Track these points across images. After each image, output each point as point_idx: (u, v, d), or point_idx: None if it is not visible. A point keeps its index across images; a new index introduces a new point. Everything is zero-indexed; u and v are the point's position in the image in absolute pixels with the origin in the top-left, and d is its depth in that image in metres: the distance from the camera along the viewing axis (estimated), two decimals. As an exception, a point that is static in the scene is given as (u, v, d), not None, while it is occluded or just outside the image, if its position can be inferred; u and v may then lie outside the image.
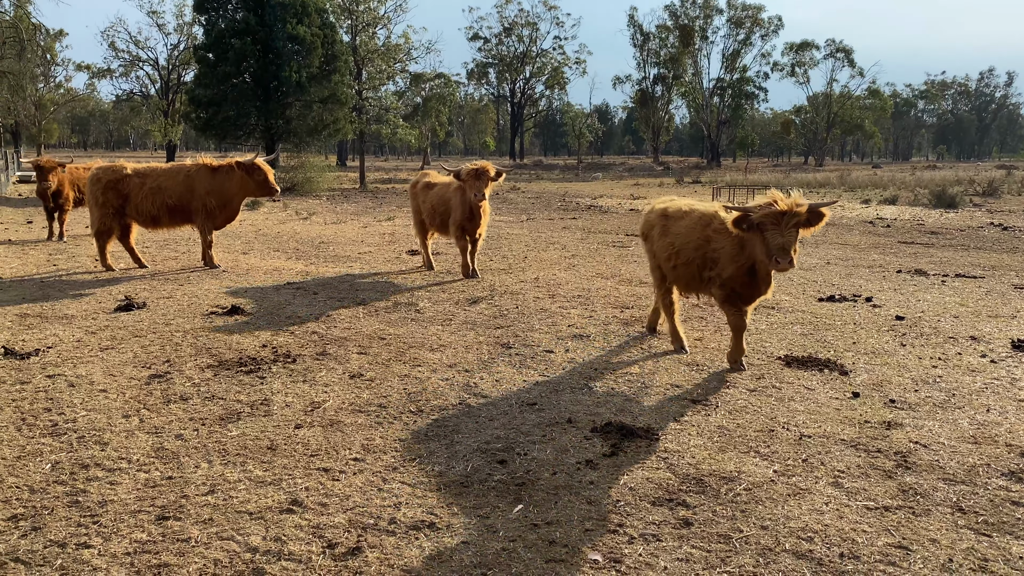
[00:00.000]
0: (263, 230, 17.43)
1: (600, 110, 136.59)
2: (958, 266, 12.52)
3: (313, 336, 7.66)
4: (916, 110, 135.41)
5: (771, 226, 5.69)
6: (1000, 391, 6.05)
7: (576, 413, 5.53)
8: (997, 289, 10.47)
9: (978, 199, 29.11)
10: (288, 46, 31.39)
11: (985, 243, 15.93)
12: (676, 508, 4.12)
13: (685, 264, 6.74)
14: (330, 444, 4.93)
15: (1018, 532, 3.85)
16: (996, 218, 21.52)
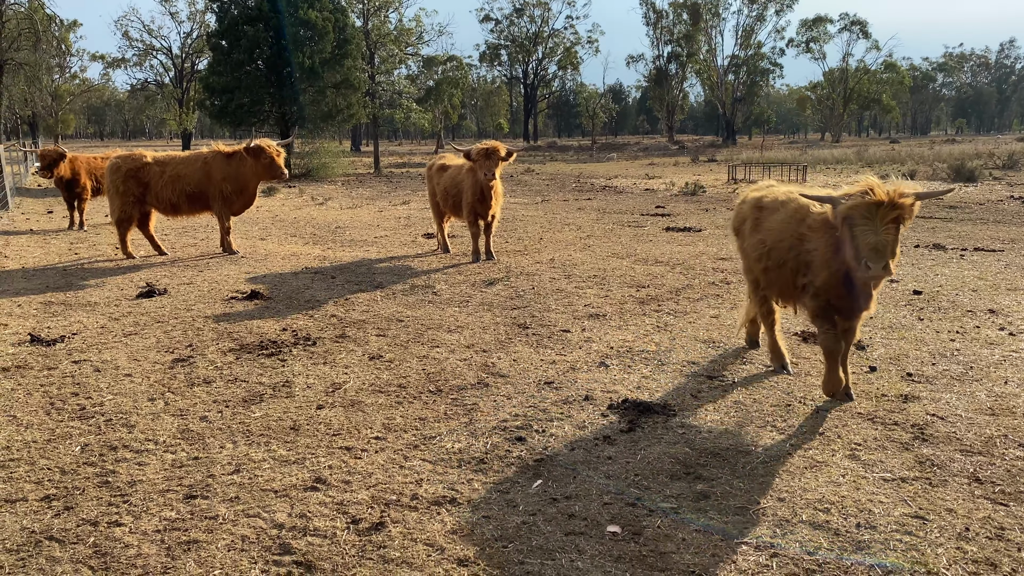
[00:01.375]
0: (280, 216, 17.55)
1: (614, 90, 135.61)
2: (977, 240, 12.42)
3: (332, 319, 7.75)
4: (935, 84, 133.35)
5: (861, 221, 4.47)
6: (1019, 363, 6.03)
7: (593, 391, 5.58)
8: (1016, 262, 10.39)
9: (998, 172, 28.76)
10: (300, 32, 31.40)
11: (1005, 216, 15.77)
12: (694, 482, 4.17)
13: (777, 267, 5.48)
14: (351, 424, 5.01)
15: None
16: (1016, 191, 21.27)
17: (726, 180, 28.09)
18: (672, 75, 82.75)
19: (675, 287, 9.10)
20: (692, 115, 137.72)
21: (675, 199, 21.26)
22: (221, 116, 31.68)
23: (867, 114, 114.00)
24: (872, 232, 4.42)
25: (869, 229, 4.43)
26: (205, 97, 33.36)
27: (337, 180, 30.73)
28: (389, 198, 22.49)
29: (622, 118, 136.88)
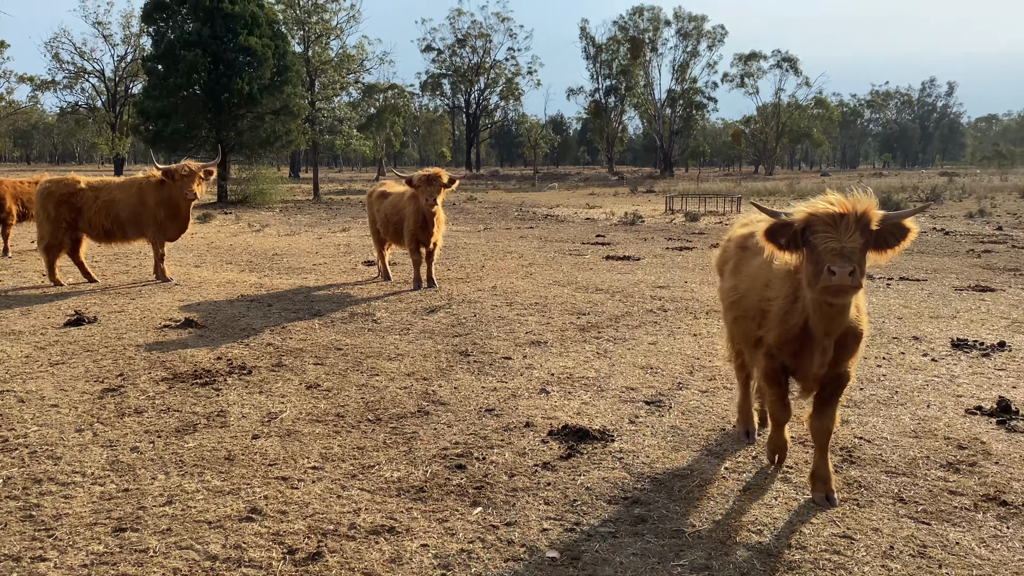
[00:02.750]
0: (215, 243, 17.23)
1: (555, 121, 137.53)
2: (902, 270, 12.92)
3: (268, 348, 7.63)
4: (862, 119, 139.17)
5: (823, 228, 3.79)
6: (940, 388, 6.29)
7: (534, 417, 5.61)
8: (938, 291, 10.85)
9: (922, 205, 30.00)
10: (239, 58, 31.09)
11: (928, 247, 16.46)
12: (631, 506, 4.22)
13: (745, 318, 4.73)
14: (288, 453, 4.94)
15: (955, 520, 4.03)
16: (938, 223, 22.22)
17: (664, 210, 28.67)
18: (611, 108, 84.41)
19: (615, 315, 9.23)
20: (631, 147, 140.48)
21: (615, 228, 21.59)
22: (156, 141, 31.03)
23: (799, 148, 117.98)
24: (835, 240, 3.77)
25: (832, 236, 3.77)
26: (139, 122, 32.64)
27: (275, 207, 30.35)
28: (328, 225, 22.30)
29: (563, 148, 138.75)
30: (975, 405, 5.78)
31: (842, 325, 3.99)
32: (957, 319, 8.93)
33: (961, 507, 4.17)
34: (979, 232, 19.54)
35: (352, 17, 45.61)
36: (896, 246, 3.95)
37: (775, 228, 4.06)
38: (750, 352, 4.77)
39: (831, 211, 3.82)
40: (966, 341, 7.75)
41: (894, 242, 3.94)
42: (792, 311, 4.15)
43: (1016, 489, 4.36)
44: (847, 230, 3.77)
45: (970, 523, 3.99)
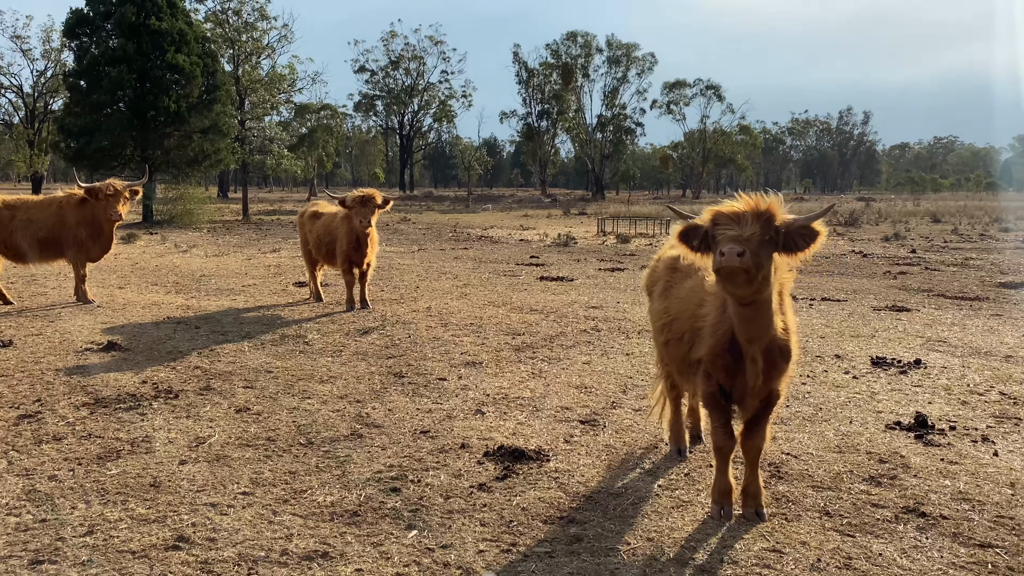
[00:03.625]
0: (140, 264, 16.72)
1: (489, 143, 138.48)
2: (824, 291, 13.38)
3: (196, 371, 7.42)
4: (784, 146, 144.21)
5: (725, 222, 3.90)
6: (861, 404, 6.52)
7: (469, 439, 5.59)
8: (858, 311, 11.26)
9: (841, 229, 31.19)
10: (167, 75, 30.38)
11: (848, 269, 17.09)
12: (567, 525, 4.24)
13: (677, 340, 4.69)
14: (217, 479, 4.80)
15: (878, 532, 4.17)
16: (857, 246, 23.12)
17: (596, 232, 29.08)
18: (544, 131, 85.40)
19: (549, 334, 9.29)
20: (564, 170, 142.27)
21: (548, 250, 21.79)
22: (78, 159, 30.02)
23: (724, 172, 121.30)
24: (734, 229, 3.83)
25: (731, 227, 3.85)
26: (60, 139, 31.53)
27: (203, 227, 29.63)
28: (258, 245, 21.89)
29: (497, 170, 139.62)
30: (894, 420, 6.01)
31: (763, 331, 4.05)
32: (876, 338, 9.28)
33: (883, 519, 4.31)
34: (895, 255, 20.40)
35: (284, 37, 45.17)
36: (806, 248, 4.00)
37: (688, 231, 4.16)
38: (684, 377, 4.80)
39: (735, 208, 3.96)
40: (885, 359, 8.06)
41: (804, 244, 3.99)
42: (722, 321, 4.21)
43: (934, 500, 4.54)
44: (746, 223, 3.87)
45: (892, 534, 4.14)
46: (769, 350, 4.12)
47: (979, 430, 5.82)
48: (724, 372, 4.26)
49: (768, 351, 4.12)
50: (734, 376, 4.23)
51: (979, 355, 8.39)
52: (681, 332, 4.65)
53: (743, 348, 4.12)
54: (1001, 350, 8.62)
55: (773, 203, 3.94)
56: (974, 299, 12.55)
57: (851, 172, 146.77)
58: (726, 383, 4.29)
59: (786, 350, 4.20)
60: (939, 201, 66.65)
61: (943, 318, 10.69)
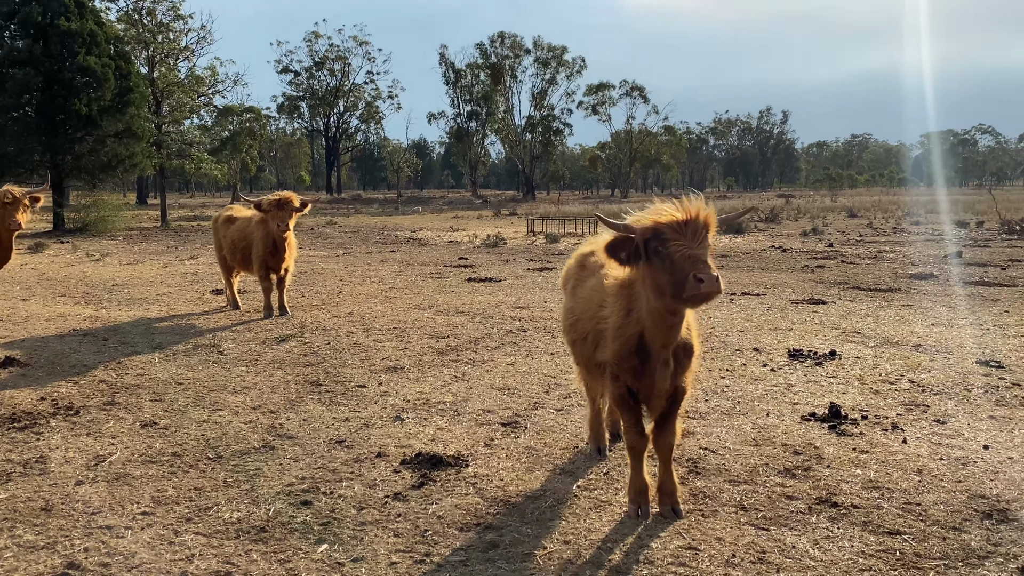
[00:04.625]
0: (47, 274, 15.95)
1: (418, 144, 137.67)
2: (744, 285, 13.64)
3: (101, 385, 7.07)
4: (707, 145, 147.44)
5: (673, 236, 3.71)
6: (778, 396, 6.61)
7: (387, 447, 5.44)
8: (777, 305, 11.50)
9: (762, 225, 32.00)
10: (77, 77, 29.13)
11: (767, 264, 17.49)
12: (484, 532, 4.14)
13: (582, 341, 4.61)
14: (115, 499, 4.54)
15: (791, 524, 4.20)
16: (777, 242, 23.71)
17: (525, 233, 29.12)
18: (473, 132, 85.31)
19: (474, 336, 9.18)
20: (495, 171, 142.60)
21: (477, 251, 21.69)
22: (-20, 165, 28.53)
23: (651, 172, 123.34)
24: (688, 247, 3.67)
25: (684, 244, 3.68)
26: (-40, 144, 29.93)
27: (118, 235, 28.53)
28: (176, 253, 21.16)
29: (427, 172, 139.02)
30: (809, 412, 6.10)
31: (678, 336, 4.05)
32: (793, 331, 9.48)
33: (797, 511, 4.35)
34: (812, 249, 20.98)
35: (203, 38, 43.96)
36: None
37: (616, 243, 3.96)
38: (592, 377, 4.75)
39: (677, 218, 3.75)
40: (801, 351, 8.22)
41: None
42: (626, 324, 4.11)
43: (845, 490, 4.60)
44: (697, 236, 3.71)
45: (805, 526, 4.17)
46: (675, 351, 4.11)
47: (889, 418, 5.96)
48: (631, 375, 4.20)
49: (674, 352, 4.11)
50: (641, 377, 4.18)
51: (891, 345, 8.64)
52: (585, 333, 4.56)
53: (653, 352, 4.08)
54: (911, 339, 8.90)
55: (711, 211, 3.82)
56: (887, 290, 12.97)
57: (772, 170, 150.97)
58: (634, 385, 4.24)
59: (689, 347, 4.20)
60: (855, 197, 69.11)
61: (858, 310, 10.99)
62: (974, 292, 12.70)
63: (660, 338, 4.02)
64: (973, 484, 4.65)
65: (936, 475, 4.80)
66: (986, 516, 4.23)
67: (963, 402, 6.39)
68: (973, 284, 13.58)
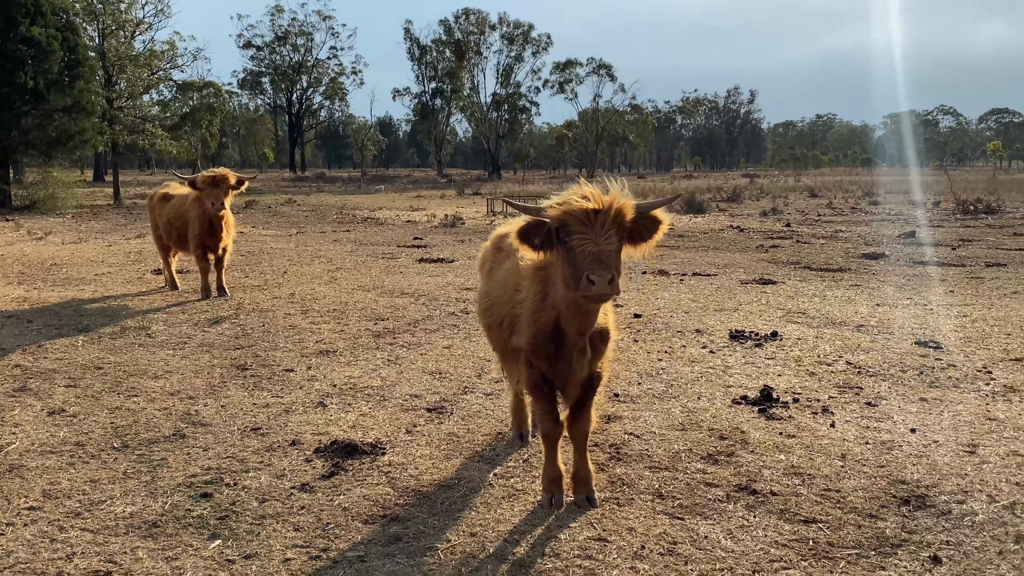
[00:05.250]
0: (-16, 253, 15.40)
1: (383, 122, 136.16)
2: (696, 265, 13.58)
3: (15, 370, 6.76)
4: (675, 125, 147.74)
5: (578, 229, 3.56)
6: (712, 379, 6.51)
7: (303, 434, 5.24)
8: (726, 285, 11.44)
9: (724, 204, 32.07)
10: (20, 49, 28.14)
11: (723, 244, 17.47)
12: (388, 524, 3.97)
13: (498, 326, 4.43)
14: (2, 494, 4.29)
15: (708, 513, 4.08)
16: (736, 221, 23.74)
17: (485, 213, 28.86)
18: (438, 110, 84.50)
19: (415, 319, 8.98)
20: (462, 149, 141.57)
21: (434, 231, 21.42)
22: (-81, 141, 27.54)
23: (618, 151, 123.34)
24: (592, 242, 3.51)
25: (588, 239, 3.52)
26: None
27: (68, 213, 27.76)
28: (124, 231, 20.61)
29: (393, 151, 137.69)
30: (741, 395, 6.01)
31: (595, 323, 3.91)
32: (739, 311, 9.40)
33: (715, 499, 4.24)
34: (770, 229, 21.02)
35: (160, 11, 42.76)
36: (649, 239, 3.79)
37: (529, 228, 3.78)
38: (507, 363, 4.57)
39: (586, 208, 3.56)
40: (743, 332, 8.14)
41: (647, 235, 3.78)
42: (542, 309, 3.94)
43: (766, 476, 4.50)
44: (603, 229, 3.54)
45: (721, 515, 4.06)
46: (590, 337, 3.96)
47: (820, 401, 5.88)
48: (546, 361, 4.04)
49: (589, 338, 3.96)
50: (556, 364, 4.02)
51: (833, 325, 8.60)
52: (500, 317, 4.37)
53: (569, 340, 3.93)
54: (854, 319, 8.87)
55: (626, 201, 3.64)
56: (837, 270, 12.98)
57: (738, 150, 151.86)
58: (548, 372, 4.08)
59: (606, 334, 4.05)
60: (818, 176, 69.68)
61: (805, 290, 10.96)
62: (922, 272, 12.76)
63: (575, 325, 3.86)
64: (895, 469, 4.58)
65: (859, 460, 4.72)
66: (904, 502, 4.15)
67: (896, 384, 6.35)
68: (922, 264, 13.66)
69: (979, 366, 6.87)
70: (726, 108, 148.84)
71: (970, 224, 21.69)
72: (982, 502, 4.14)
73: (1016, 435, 5.13)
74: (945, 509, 4.07)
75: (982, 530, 3.86)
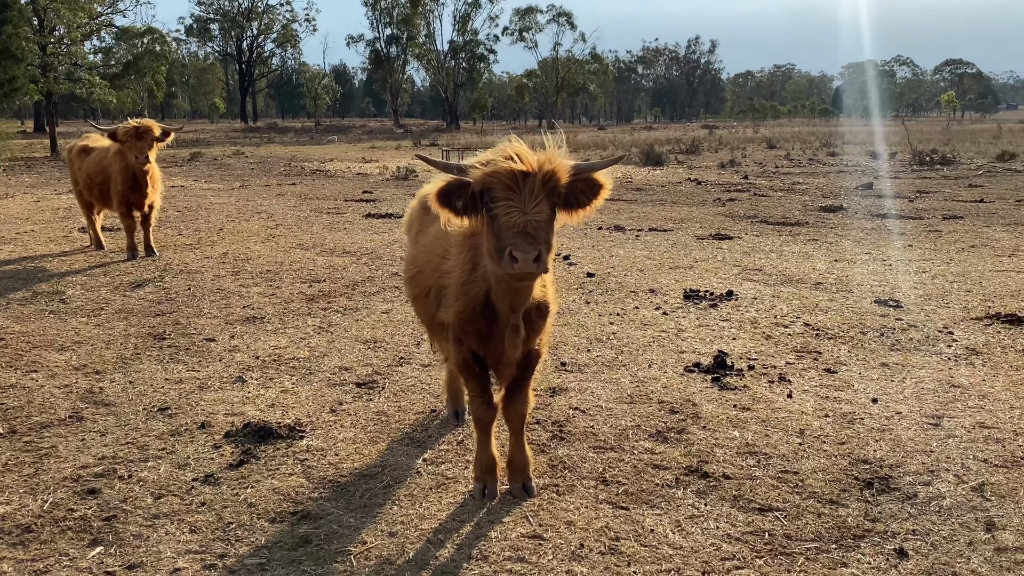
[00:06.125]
0: (-102, 210, 14.40)
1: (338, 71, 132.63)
2: (653, 220, 13.19)
3: (-97, 343, 6.13)
4: (636, 75, 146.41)
5: (504, 195, 3.09)
6: (665, 344, 6.14)
7: (215, 415, 4.75)
8: (682, 241, 11.08)
9: (682, 156, 31.70)
10: (-60, -10, 26.43)
11: (681, 197, 17.10)
12: (298, 523, 3.53)
13: (424, 297, 3.97)
14: None
15: (654, 500, 3.71)
16: (694, 174, 23.38)
17: (440, 164, 28.08)
18: (394, 58, 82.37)
19: (354, 280, 8.46)
20: (419, 99, 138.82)
21: (386, 184, 20.73)
22: None
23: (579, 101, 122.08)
24: (518, 210, 3.05)
25: (514, 207, 3.06)
26: None
27: (1, 165, 26.37)
28: (56, 185, 19.57)
29: (348, 100, 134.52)
30: (694, 362, 5.65)
31: (529, 298, 3.46)
32: (694, 268, 9.05)
33: (663, 484, 3.87)
34: (728, 181, 20.70)
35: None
36: (588, 205, 3.34)
37: (450, 189, 3.30)
38: (436, 338, 4.11)
39: (513, 171, 3.08)
40: (697, 292, 7.79)
41: (586, 200, 3.32)
42: (471, 281, 3.48)
43: (719, 457, 4.14)
44: (532, 197, 3.06)
45: (669, 503, 3.69)
46: (527, 312, 3.49)
47: (777, 368, 5.55)
48: (476, 339, 3.57)
49: (525, 313, 3.49)
50: (488, 342, 3.55)
51: (791, 283, 8.29)
52: (427, 287, 3.89)
53: (501, 315, 3.46)
54: (812, 277, 8.57)
55: (560, 163, 3.16)
56: (794, 224, 12.71)
57: (698, 101, 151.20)
58: (479, 350, 3.62)
59: (544, 307, 3.59)
60: (777, 128, 69.67)
61: (762, 245, 10.65)
62: (880, 225, 12.54)
63: (507, 301, 3.41)
64: (857, 446, 4.26)
65: (819, 436, 4.39)
66: (867, 485, 3.83)
67: (856, 347, 6.04)
68: (881, 217, 13.45)
69: (940, 326, 6.61)
70: (686, 58, 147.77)
71: (926, 175, 21.63)
72: (949, 483, 3.83)
73: (981, 404, 4.85)
74: (910, 492, 3.75)
75: (950, 516, 3.55)
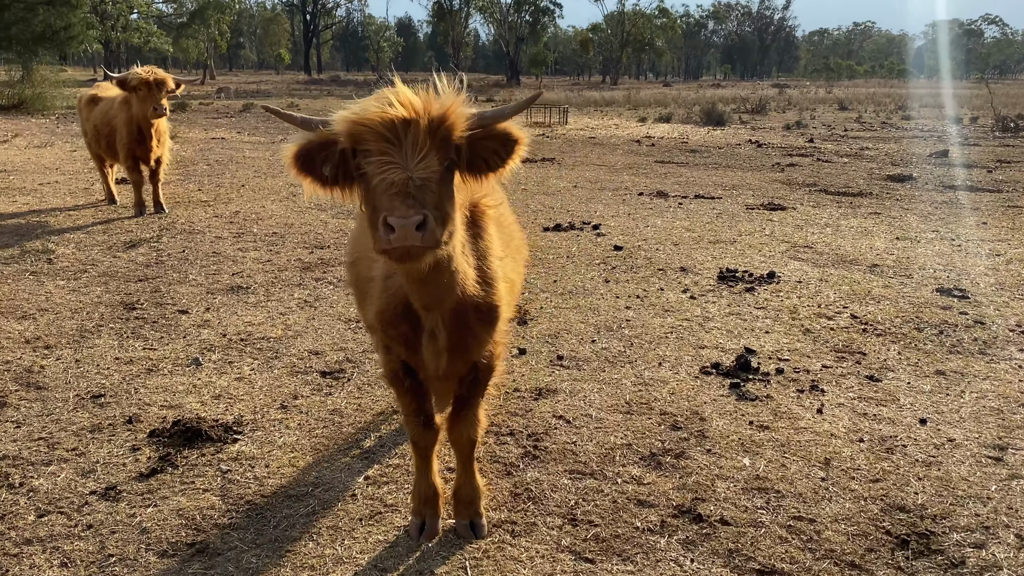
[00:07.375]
0: (-66, 157, 14.34)
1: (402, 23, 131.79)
2: (701, 186, 12.22)
3: None
4: (705, 30, 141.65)
5: (379, 148, 2.28)
6: (685, 336, 5.36)
7: (149, 407, 4.19)
8: (729, 210, 10.14)
9: (746, 116, 30.13)
10: (-2, -66, 26.42)
11: (737, 161, 15.97)
12: (191, 559, 2.93)
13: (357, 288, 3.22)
14: None
15: (629, 551, 3.00)
16: (756, 135, 22.05)
17: (491, 120, 27.26)
18: (456, 10, 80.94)
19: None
20: (483, 54, 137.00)
21: (429, 140, 20.00)
22: None
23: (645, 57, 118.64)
24: (397, 167, 2.24)
25: (393, 163, 2.25)
26: None
27: (56, 113, 26.51)
28: (98, 136, 19.39)
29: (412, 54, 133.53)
30: (714, 361, 4.86)
31: (444, 294, 2.63)
32: (736, 243, 8.16)
33: (645, 528, 3.15)
34: (791, 145, 19.39)
35: None
36: (500, 166, 2.52)
37: (311, 150, 2.45)
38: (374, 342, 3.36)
39: (387, 117, 2.27)
40: (735, 272, 6.94)
41: (497, 160, 2.51)
42: (392, 273, 2.73)
43: (719, 493, 3.39)
44: (415, 149, 2.26)
45: (647, 555, 2.97)
46: (459, 314, 2.73)
47: (811, 373, 4.72)
48: (403, 345, 2.84)
49: (458, 315, 2.73)
50: (417, 350, 2.81)
51: (843, 264, 7.36)
52: (358, 277, 3.11)
53: (420, 316, 2.73)
54: (869, 257, 7.62)
55: (452, 105, 2.36)
56: (856, 195, 11.60)
57: (770, 58, 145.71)
58: (410, 359, 2.90)
59: (487, 309, 2.80)
60: (851, 88, 66.38)
61: (817, 217, 9.65)
62: (952, 198, 11.34)
63: (413, 295, 2.65)
64: (893, 486, 3.45)
65: (847, 468, 3.60)
66: (901, 544, 3.04)
67: (909, 348, 5.16)
68: (953, 189, 12.20)
69: (1013, 323, 5.66)
70: (759, 14, 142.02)
71: (1009, 143, 19.89)
72: (1009, 546, 3.02)
73: (1058, 432, 3.97)
74: (957, 558, 2.96)
75: (1007, 596, 2.76)
